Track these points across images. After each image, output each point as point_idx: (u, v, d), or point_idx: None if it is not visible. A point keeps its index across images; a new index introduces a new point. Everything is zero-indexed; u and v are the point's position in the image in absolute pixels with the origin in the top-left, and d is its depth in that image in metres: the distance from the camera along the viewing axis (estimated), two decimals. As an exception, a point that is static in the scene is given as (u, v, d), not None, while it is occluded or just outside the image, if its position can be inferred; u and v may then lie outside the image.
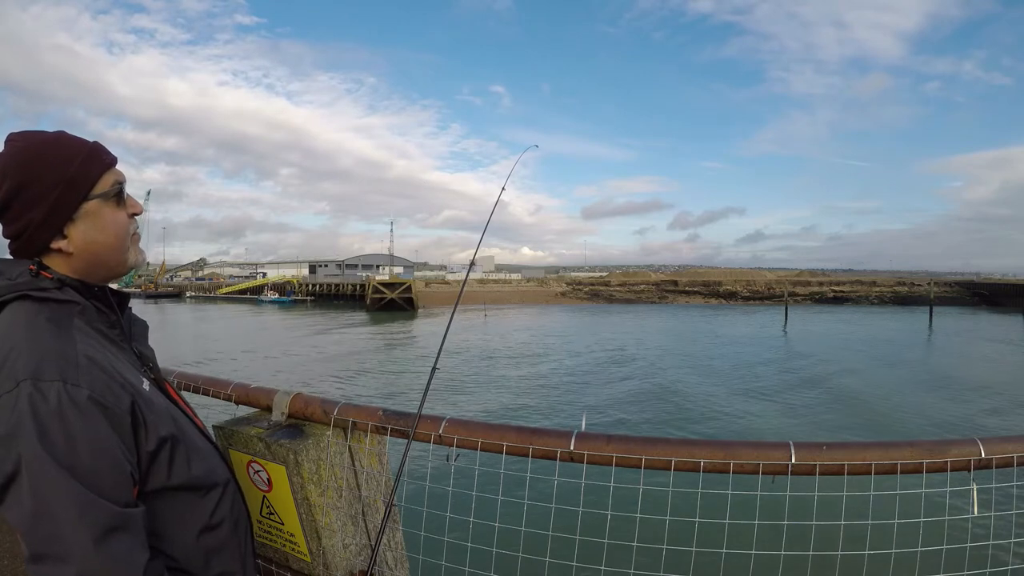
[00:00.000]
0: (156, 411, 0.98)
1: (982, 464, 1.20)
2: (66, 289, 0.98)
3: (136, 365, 1.05)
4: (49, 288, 0.96)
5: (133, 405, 0.92)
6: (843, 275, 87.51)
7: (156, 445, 0.95)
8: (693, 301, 69.91)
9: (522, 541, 1.42)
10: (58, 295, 0.96)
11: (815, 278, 77.43)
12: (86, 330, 0.97)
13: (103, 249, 1.01)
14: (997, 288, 65.21)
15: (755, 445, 1.26)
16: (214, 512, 1.05)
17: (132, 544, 0.87)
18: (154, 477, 0.96)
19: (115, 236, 1.02)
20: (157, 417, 0.97)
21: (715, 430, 12.81)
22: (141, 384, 0.99)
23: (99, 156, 1.02)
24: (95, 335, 0.98)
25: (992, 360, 23.59)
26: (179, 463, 0.99)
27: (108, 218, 1.01)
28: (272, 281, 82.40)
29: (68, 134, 1.03)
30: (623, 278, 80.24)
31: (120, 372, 0.95)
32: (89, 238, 0.99)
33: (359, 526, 1.55)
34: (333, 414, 1.49)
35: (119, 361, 0.99)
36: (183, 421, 1.06)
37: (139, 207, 1.07)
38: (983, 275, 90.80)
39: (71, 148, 1.00)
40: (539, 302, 66.50)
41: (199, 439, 1.08)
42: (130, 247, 1.06)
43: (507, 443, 1.34)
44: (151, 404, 0.97)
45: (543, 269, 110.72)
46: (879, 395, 16.43)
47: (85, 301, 0.99)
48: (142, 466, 0.94)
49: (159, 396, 1.04)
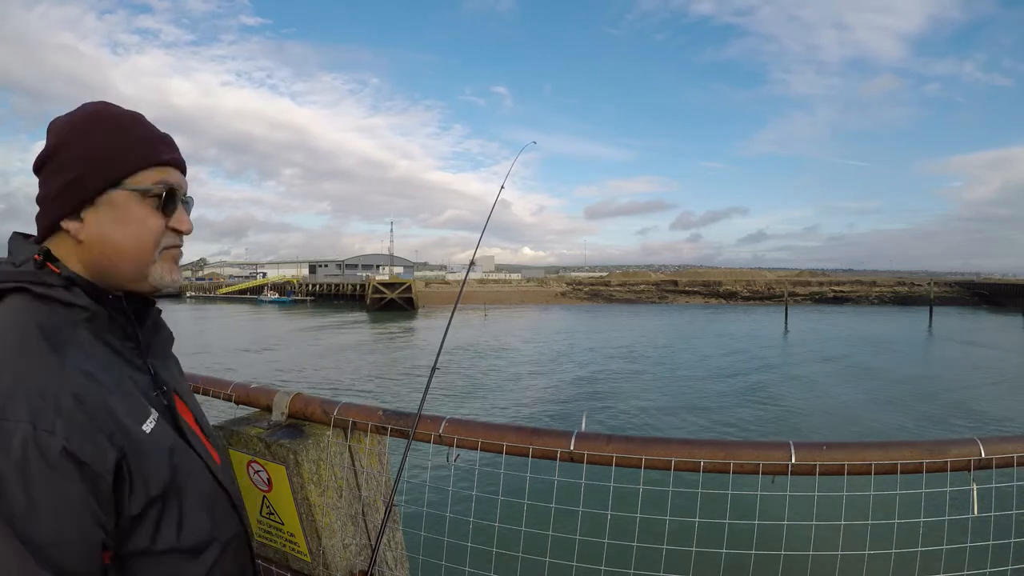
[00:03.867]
0: (151, 463, 0.81)
1: (982, 464, 1.20)
2: (75, 290, 0.84)
3: (147, 388, 0.89)
4: (55, 285, 0.82)
5: (120, 462, 0.76)
6: (843, 275, 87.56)
7: (143, 508, 0.78)
8: (693, 301, 69.94)
9: (522, 541, 1.42)
10: (64, 295, 0.82)
11: (815, 278, 77.47)
12: (91, 344, 0.83)
13: (117, 250, 0.86)
14: (997, 288, 65.24)
15: (755, 445, 1.25)
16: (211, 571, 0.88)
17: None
18: (134, 541, 0.79)
19: (136, 240, 0.87)
20: (151, 472, 0.80)
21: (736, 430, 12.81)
22: (142, 423, 0.83)
23: (150, 147, 0.90)
24: (102, 350, 0.84)
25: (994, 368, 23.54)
26: (167, 526, 0.82)
27: (135, 217, 0.87)
28: (272, 281, 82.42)
29: (138, 117, 0.93)
30: (623, 278, 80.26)
31: (115, 411, 0.78)
32: (105, 230, 0.86)
33: (359, 526, 1.55)
34: (333, 414, 1.49)
35: (120, 390, 0.83)
36: (188, 463, 0.89)
37: (186, 224, 0.93)
38: (983, 275, 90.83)
39: (124, 129, 0.89)
40: (539, 302, 66.51)
41: (205, 482, 0.92)
42: (157, 261, 0.90)
43: (507, 443, 1.34)
44: (146, 454, 0.80)
45: (543, 269, 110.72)
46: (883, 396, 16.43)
47: (96, 307, 0.85)
48: (121, 530, 0.78)
49: (165, 434, 0.86)
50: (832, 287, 71.79)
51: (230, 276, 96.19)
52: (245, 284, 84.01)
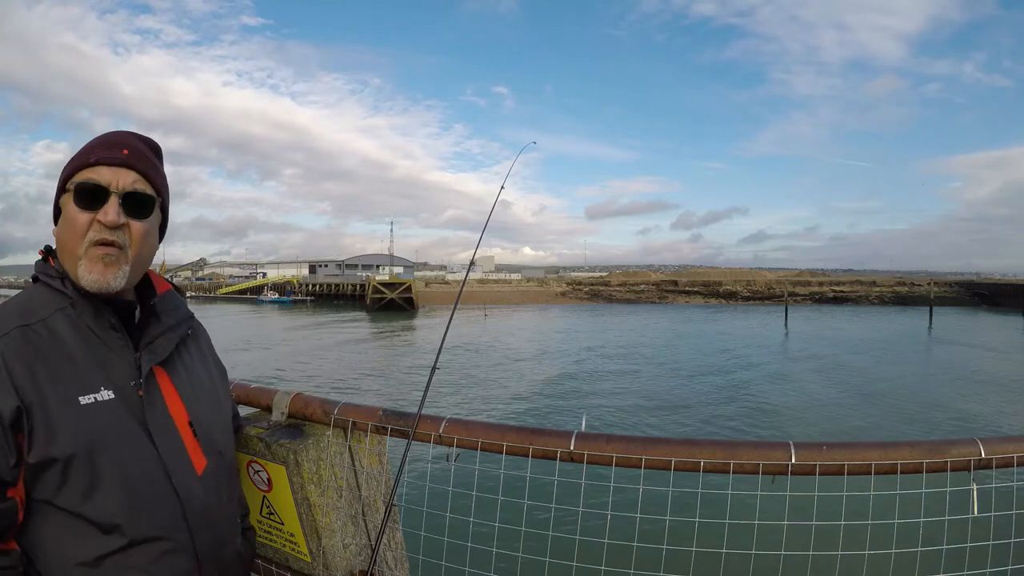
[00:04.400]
0: (64, 427, 0.91)
1: (982, 464, 1.20)
2: (65, 281, 0.99)
3: (121, 376, 0.99)
4: (53, 276, 1.00)
5: (18, 411, 0.89)
6: (843, 275, 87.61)
7: (41, 460, 0.90)
8: (693, 301, 69.95)
9: (522, 541, 1.42)
10: (58, 284, 0.99)
11: (815, 278, 77.49)
12: (64, 326, 0.97)
13: (60, 246, 1.02)
14: (997, 288, 65.25)
15: (755, 445, 1.25)
16: (108, 556, 0.93)
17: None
18: (39, 489, 0.92)
19: (67, 236, 1.00)
20: (59, 434, 0.91)
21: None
22: (80, 395, 0.93)
23: (85, 153, 1.02)
24: (75, 333, 0.97)
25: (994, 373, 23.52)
26: (71, 489, 0.92)
27: (68, 214, 1.00)
28: (272, 281, 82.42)
29: (111, 134, 1.07)
30: (623, 278, 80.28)
31: (40, 375, 0.91)
32: (58, 231, 1.03)
33: (359, 526, 1.55)
34: (333, 414, 1.49)
35: (74, 365, 0.95)
36: (126, 448, 0.96)
37: (109, 216, 0.97)
38: (983, 275, 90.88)
39: (87, 144, 1.04)
40: (539, 302, 66.53)
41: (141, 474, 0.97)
42: (82, 258, 0.98)
43: (507, 443, 1.34)
44: (61, 417, 0.91)
45: (543, 269, 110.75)
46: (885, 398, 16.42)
47: (78, 297, 0.98)
48: (26, 474, 0.91)
49: (108, 415, 0.95)
50: (832, 287, 71.79)
51: (230, 276, 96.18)
52: (245, 284, 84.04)
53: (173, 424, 1.03)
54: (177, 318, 1.12)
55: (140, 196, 1.02)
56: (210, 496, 1.06)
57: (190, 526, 1.01)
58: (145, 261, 1.06)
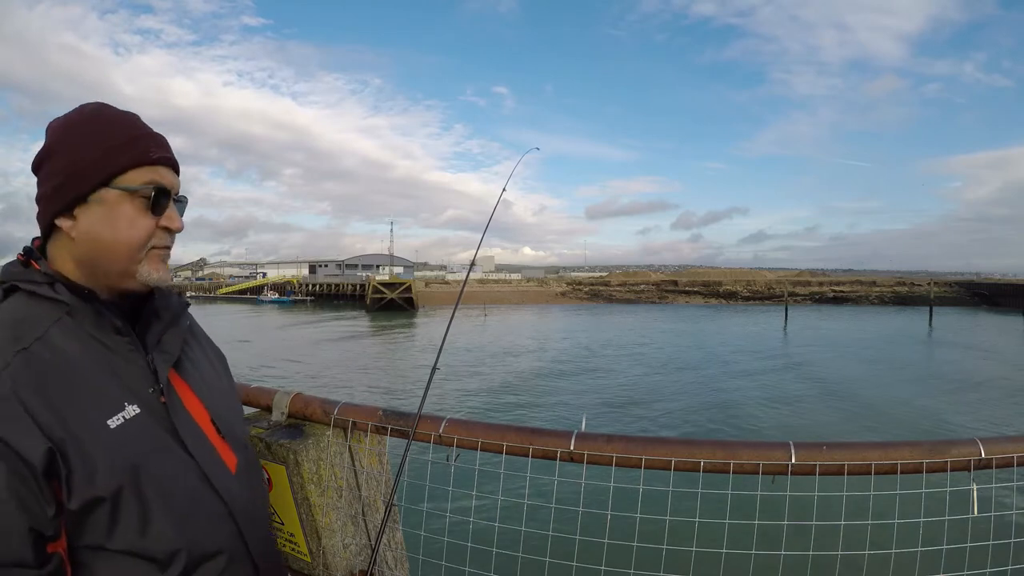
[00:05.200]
0: (102, 460, 0.80)
1: (982, 464, 1.20)
2: (57, 286, 0.87)
3: (139, 384, 0.90)
4: (39, 282, 0.87)
5: (51, 454, 0.77)
6: (843, 275, 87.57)
7: (85, 503, 0.79)
8: (693, 301, 69.94)
9: (522, 541, 1.42)
10: (47, 291, 0.86)
11: (815, 278, 77.46)
12: (67, 339, 0.85)
13: (106, 247, 0.89)
14: (997, 288, 65.22)
15: (755, 445, 1.25)
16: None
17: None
18: (86, 536, 0.81)
19: (125, 238, 0.89)
20: (98, 469, 0.80)
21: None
22: (108, 417, 0.83)
23: (141, 147, 0.91)
24: (81, 346, 0.86)
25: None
26: (125, 526, 0.82)
27: (125, 215, 0.89)
28: (272, 281, 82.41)
29: (133, 117, 0.95)
30: (623, 278, 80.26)
31: (61, 404, 0.80)
32: (95, 228, 0.88)
33: (359, 526, 1.55)
34: (333, 414, 1.49)
35: (90, 384, 0.84)
36: (167, 465, 0.88)
37: (176, 223, 0.95)
38: (983, 275, 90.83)
39: (116, 129, 0.91)
40: (539, 302, 66.52)
41: (187, 486, 0.89)
42: (143, 260, 0.91)
43: (507, 443, 1.34)
44: (97, 449, 0.80)
45: (543, 269, 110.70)
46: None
47: (78, 302, 0.87)
48: (69, 522, 0.80)
49: (140, 432, 0.86)
50: (832, 287, 71.77)
51: (230, 276, 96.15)
52: (245, 284, 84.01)
53: (198, 426, 0.96)
54: (174, 310, 1.01)
55: (184, 201, 1.00)
56: (248, 493, 1.01)
57: (240, 530, 0.96)
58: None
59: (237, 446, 1.02)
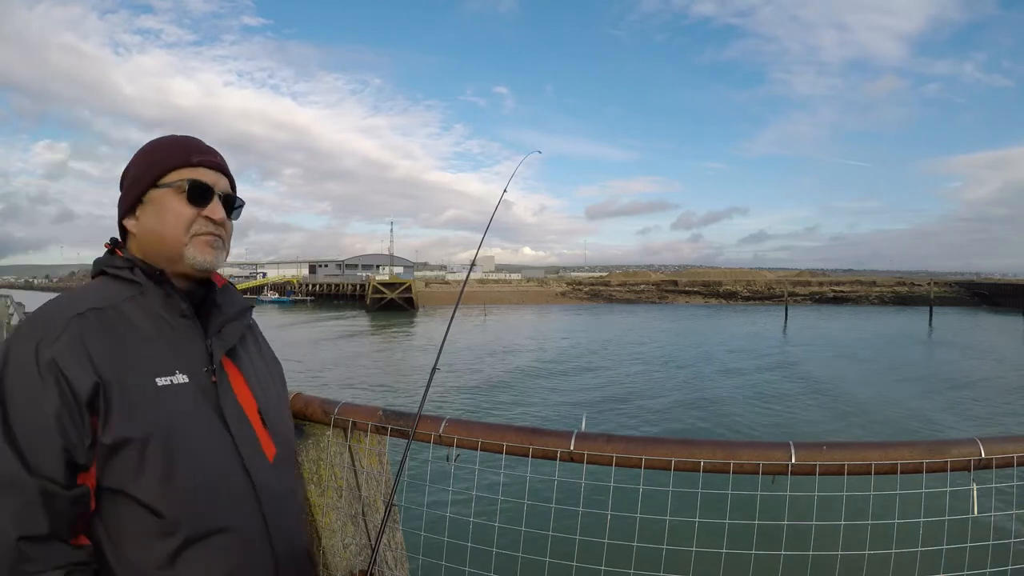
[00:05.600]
0: (141, 406, 0.92)
1: (982, 464, 1.20)
2: (135, 270, 1.03)
3: (194, 362, 1.02)
4: (121, 267, 1.04)
5: (97, 386, 0.89)
6: (843, 275, 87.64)
7: (114, 440, 0.89)
8: (693, 301, 69.96)
9: (522, 541, 1.42)
10: (126, 274, 1.03)
11: (815, 278, 77.51)
12: (137, 312, 0.99)
13: (156, 236, 1.06)
14: (997, 288, 65.27)
15: (755, 445, 1.25)
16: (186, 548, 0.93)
17: (26, 510, 0.83)
18: (111, 474, 0.91)
19: (170, 227, 1.05)
20: (135, 412, 0.91)
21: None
22: (157, 376, 0.95)
23: (182, 153, 1.09)
24: (149, 320, 1.00)
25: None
26: (149, 474, 0.91)
27: (169, 208, 1.06)
28: (272, 281, 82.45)
29: (187, 137, 1.14)
30: (623, 278, 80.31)
31: (116, 354, 0.93)
32: (149, 223, 1.07)
33: (359, 526, 1.55)
34: (333, 414, 1.49)
35: (149, 348, 0.97)
36: (202, 433, 0.97)
37: (218, 213, 1.09)
38: (983, 275, 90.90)
39: (166, 144, 1.11)
40: (539, 302, 66.55)
41: (218, 460, 0.98)
42: (188, 244, 1.06)
43: (507, 443, 1.34)
44: (139, 395, 0.92)
45: (543, 269, 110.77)
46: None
47: (152, 285, 1.02)
48: (98, 456, 0.90)
49: (183, 398, 0.97)
50: (832, 287, 71.80)
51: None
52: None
53: (243, 410, 1.06)
54: (238, 308, 1.16)
55: (234, 199, 1.14)
56: (280, 484, 1.09)
57: (264, 514, 1.02)
58: (228, 254, 1.15)
59: (279, 440, 1.12)
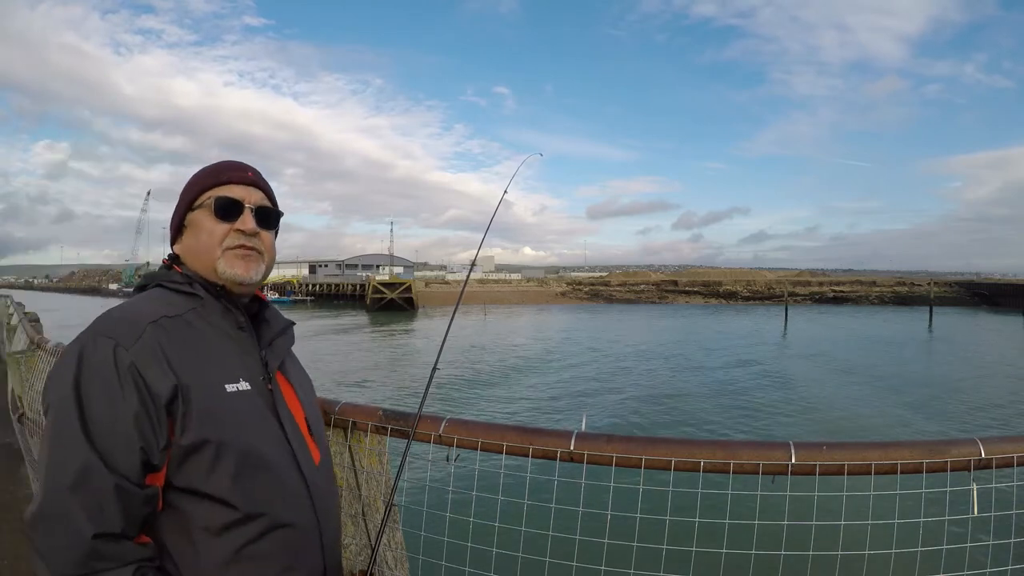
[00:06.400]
0: (215, 410, 0.97)
1: (982, 464, 1.20)
2: (195, 284, 1.08)
3: (253, 371, 1.07)
4: (180, 281, 1.08)
5: (176, 390, 0.93)
6: (843, 275, 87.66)
7: (191, 442, 0.93)
8: (693, 301, 69.98)
9: (522, 541, 1.42)
10: (185, 287, 1.07)
11: (815, 278, 77.52)
12: (198, 322, 1.04)
13: (194, 254, 1.11)
14: (997, 288, 65.28)
15: (755, 445, 1.25)
16: (250, 544, 0.97)
17: (103, 508, 0.86)
18: (190, 473, 0.94)
19: (203, 243, 1.10)
20: (211, 416, 0.96)
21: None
22: (226, 382, 1.00)
23: (213, 174, 1.14)
24: (209, 330, 1.04)
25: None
26: (222, 473, 0.95)
27: (204, 227, 1.11)
28: (272, 281, 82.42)
29: (225, 161, 1.19)
30: (623, 278, 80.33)
31: (189, 358, 0.97)
32: (189, 243, 1.13)
33: (359, 526, 1.55)
34: (333, 414, 1.49)
35: (214, 356, 1.02)
36: (267, 438, 1.03)
37: (247, 224, 1.11)
38: (983, 275, 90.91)
39: (203, 171, 1.17)
40: (539, 302, 66.56)
41: (280, 463, 1.03)
42: (220, 257, 1.09)
43: (507, 443, 1.34)
44: (213, 400, 0.97)
45: (543, 269, 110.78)
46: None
47: (208, 297, 1.07)
48: (171, 456, 0.94)
49: (250, 405, 1.02)
50: (832, 287, 71.81)
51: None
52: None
53: (294, 418, 1.12)
54: (283, 324, 1.21)
55: (268, 210, 1.17)
56: (326, 486, 1.15)
57: (317, 512, 1.08)
58: (271, 267, 1.18)
59: (320, 446, 1.17)
